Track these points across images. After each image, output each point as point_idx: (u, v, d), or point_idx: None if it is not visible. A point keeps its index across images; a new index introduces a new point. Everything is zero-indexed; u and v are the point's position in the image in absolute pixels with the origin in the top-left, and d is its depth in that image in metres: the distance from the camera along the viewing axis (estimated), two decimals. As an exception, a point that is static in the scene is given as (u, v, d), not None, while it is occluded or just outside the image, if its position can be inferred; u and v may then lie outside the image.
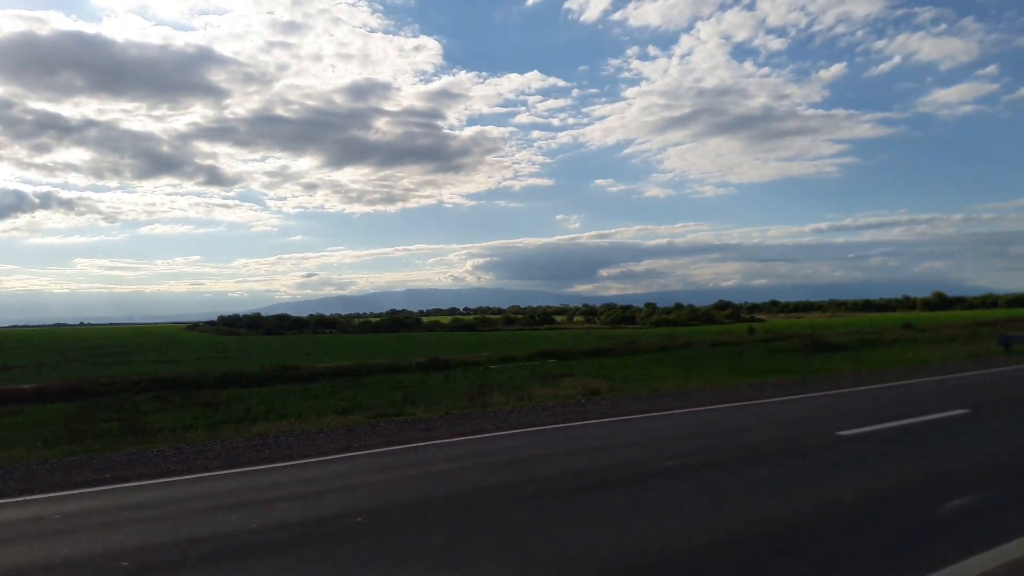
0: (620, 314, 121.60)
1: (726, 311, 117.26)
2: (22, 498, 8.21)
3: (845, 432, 10.44)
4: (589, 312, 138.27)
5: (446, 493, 7.58)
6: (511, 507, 6.99)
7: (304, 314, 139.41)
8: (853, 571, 5.15)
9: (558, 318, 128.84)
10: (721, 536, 5.92)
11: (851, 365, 23.70)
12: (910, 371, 20.60)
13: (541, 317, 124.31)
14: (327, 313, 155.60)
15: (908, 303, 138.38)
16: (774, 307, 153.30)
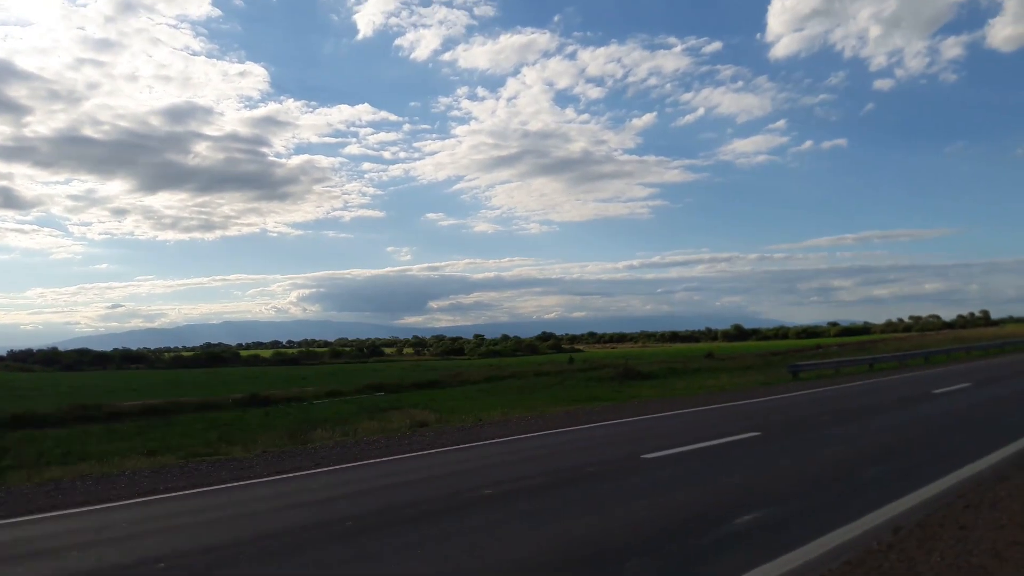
0: (449, 345, 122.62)
1: (548, 342, 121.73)
2: None
3: (650, 455, 11.25)
4: (419, 344, 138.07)
5: (260, 533, 7.38)
6: (330, 543, 6.95)
7: (108, 348, 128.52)
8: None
9: (387, 350, 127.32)
10: (535, 555, 6.27)
11: (659, 392, 25.38)
12: (711, 397, 22.40)
13: (370, 349, 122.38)
14: (134, 347, 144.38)
15: (710, 334, 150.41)
16: (592, 338, 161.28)
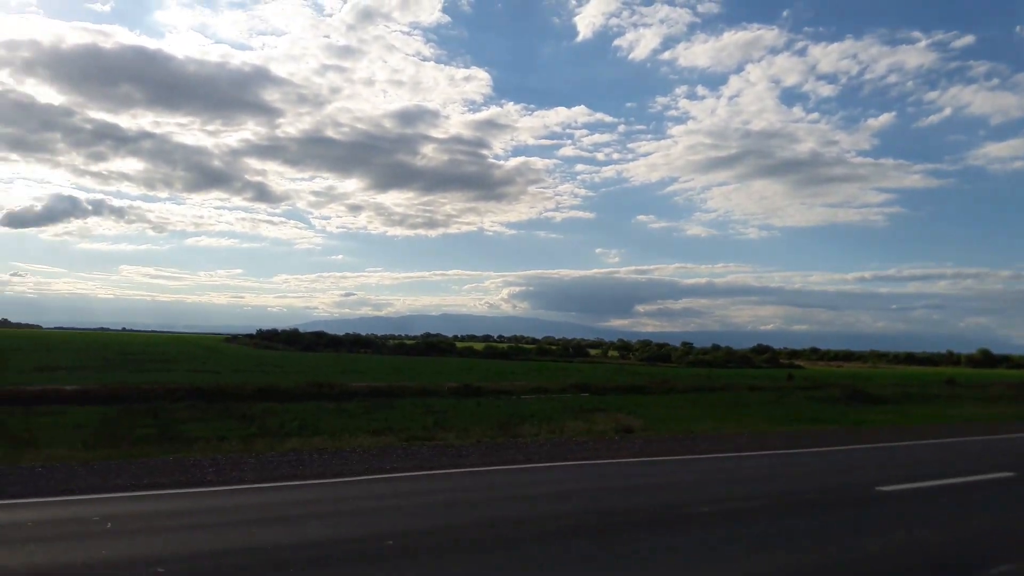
0: (655, 351, 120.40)
1: (765, 355, 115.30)
2: (63, 498, 8.40)
3: (884, 488, 10.19)
4: (624, 347, 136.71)
5: (477, 522, 7.58)
6: (543, 541, 6.97)
7: (340, 332, 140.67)
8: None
9: (592, 351, 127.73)
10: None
11: (892, 418, 23.14)
12: (954, 429, 20.04)
13: (575, 349, 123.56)
14: (363, 332, 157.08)
15: (952, 358, 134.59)
16: (814, 354, 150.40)
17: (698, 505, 8.75)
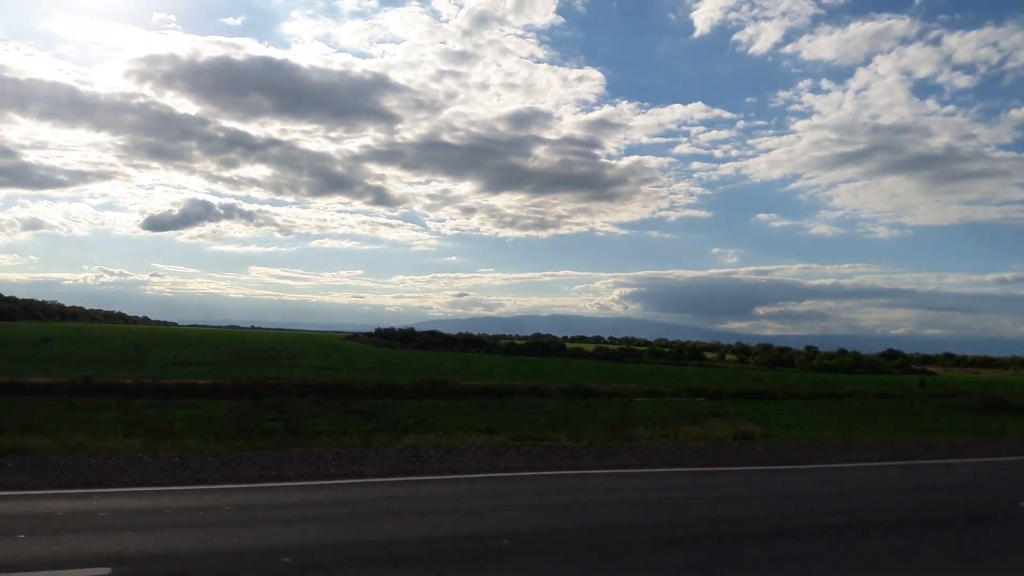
0: (776, 355, 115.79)
1: (895, 361, 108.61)
2: (198, 487, 8.89)
3: (1037, 507, 9.34)
4: (742, 351, 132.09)
5: (592, 526, 7.47)
6: (661, 549, 6.77)
7: (454, 331, 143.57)
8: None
9: (708, 355, 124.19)
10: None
11: (1041, 431, 21.25)
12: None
13: (690, 352, 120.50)
14: (475, 332, 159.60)
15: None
16: (948, 360, 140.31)
17: (824, 516, 8.30)
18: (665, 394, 35.94)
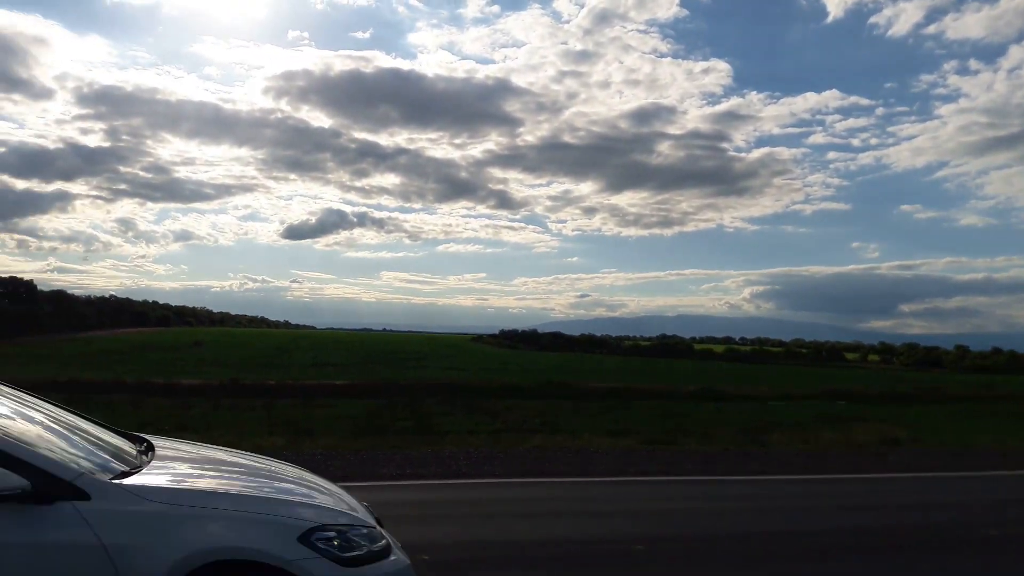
0: (923, 356, 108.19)
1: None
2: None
3: None
4: (886, 351, 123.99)
5: (732, 534, 7.19)
6: (806, 559, 6.43)
7: (576, 333, 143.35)
8: None
9: (849, 355, 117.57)
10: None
11: None
12: None
13: (829, 353, 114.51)
14: (598, 333, 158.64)
15: None
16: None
17: (985, 528, 7.63)
18: (802, 397, 34.39)
